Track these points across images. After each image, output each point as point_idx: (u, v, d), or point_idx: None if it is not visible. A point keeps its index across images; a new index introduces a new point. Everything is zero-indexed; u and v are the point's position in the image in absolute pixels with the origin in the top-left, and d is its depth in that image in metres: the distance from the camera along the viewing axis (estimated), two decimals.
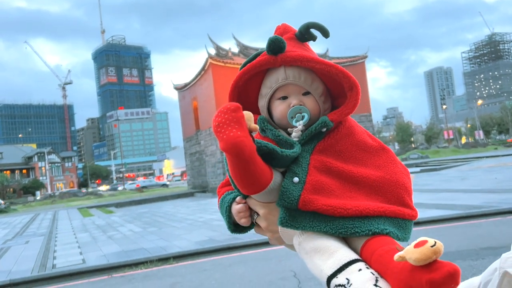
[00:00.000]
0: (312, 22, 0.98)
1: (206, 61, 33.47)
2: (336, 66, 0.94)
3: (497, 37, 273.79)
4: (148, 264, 8.33)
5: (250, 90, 1.07)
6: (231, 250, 8.74)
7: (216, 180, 33.36)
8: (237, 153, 0.77)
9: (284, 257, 7.36)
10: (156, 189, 55.51)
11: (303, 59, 0.95)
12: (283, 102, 1.01)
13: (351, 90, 0.96)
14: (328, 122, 0.94)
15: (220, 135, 0.77)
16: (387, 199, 0.89)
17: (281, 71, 0.99)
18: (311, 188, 0.88)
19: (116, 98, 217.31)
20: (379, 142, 0.99)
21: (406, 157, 52.08)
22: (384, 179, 0.91)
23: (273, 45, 0.95)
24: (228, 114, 0.78)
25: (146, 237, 11.80)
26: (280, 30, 1.06)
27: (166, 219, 16.16)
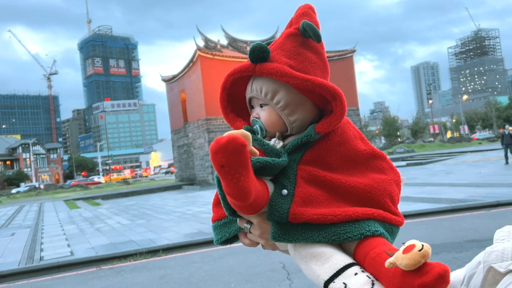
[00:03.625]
0: (307, 23, 0.96)
1: (194, 53, 33.26)
2: (313, 80, 0.93)
3: (483, 33, 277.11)
4: (137, 256, 8.34)
5: (241, 90, 1.07)
6: None
7: (204, 173, 33.35)
8: (243, 200, 0.76)
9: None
10: (144, 181, 55.22)
11: (278, 73, 0.93)
12: (252, 111, 1.04)
13: (334, 100, 0.95)
14: (313, 134, 0.94)
15: (227, 181, 0.73)
16: (373, 208, 0.90)
17: (250, 83, 1.01)
18: (300, 200, 0.88)
19: (103, 89, 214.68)
20: (371, 147, 1.00)
21: (392, 151, 52.62)
22: (371, 187, 0.91)
23: (253, 54, 0.95)
24: (235, 156, 0.71)
25: (135, 229, 11.78)
26: (294, 16, 1.04)
27: (154, 212, 16.13)
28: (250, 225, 0.96)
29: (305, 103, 0.99)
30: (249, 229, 0.96)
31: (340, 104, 0.94)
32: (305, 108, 0.99)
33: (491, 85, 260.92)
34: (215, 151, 0.71)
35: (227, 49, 35.74)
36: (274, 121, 0.99)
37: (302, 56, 0.98)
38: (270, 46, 1.00)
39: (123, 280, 6.90)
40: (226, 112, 1.10)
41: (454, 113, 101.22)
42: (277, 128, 1.00)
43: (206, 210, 14.58)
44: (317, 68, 0.98)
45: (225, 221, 1.03)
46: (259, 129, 1.00)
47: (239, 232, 1.01)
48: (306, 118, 0.99)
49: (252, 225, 0.95)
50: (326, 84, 0.93)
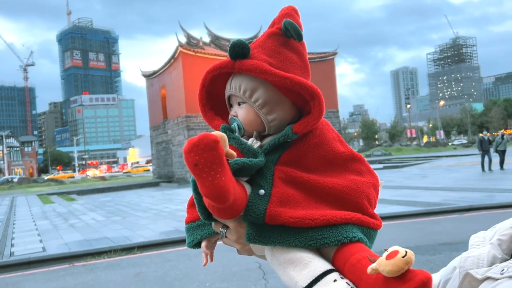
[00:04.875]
0: (289, 22, 0.96)
1: (176, 49, 32.98)
2: (292, 78, 0.91)
3: (461, 40, 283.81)
4: (111, 254, 8.20)
5: (221, 88, 1.04)
6: None
7: (183, 171, 33.10)
8: (222, 201, 0.74)
9: None
10: (120, 177, 54.49)
11: (257, 70, 0.92)
12: (231, 109, 1.03)
13: (313, 100, 0.93)
14: (291, 135, 0.93)
15: (202, 180, 0.71)
16: (350, 209, 0.89)
17: (229, 81, 1.00)
18: (277, 200, 0.86)
19: (81, 83, 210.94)
20: (349, 149, 0.98)
21: (370, 153, 53.32)
22: (349, 189, 0.90)
23: (233, 50, 0.94)
24: (207, 153, 0.70)
25: (110, 226, 11.60)
26: (278, 16, 1.02)
27: (130, 209, 15.92)
28: (226, 230, 0.93)
29: (284, 102, 0.97)
30: (224, 234, 0.94)
31: (318, 104, 0.92)
32: (283, 107, 0.97)
33: (467, 92, 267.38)
34: (188, 151, 0.70)
35: (210, 46, 35.56)
36: (251, 120, 0.98)
37: (282, 55, 0.97)
38: (251, 44, 0.98)
39: (96, 277, 6.77)
40: (205, 110, 1.07)
41: (431, 118, 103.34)
42: (254, 127, 0.98)
43: (184, 208, 14.29)
44: (298, 68, 0.97)
45: (199, 223, 1.01)
46: (237, 127, 0.98)
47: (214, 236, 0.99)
48: (284, 118, 0.98)
49: (228, 229, 0.93)
50: (305, 83, 0.92)
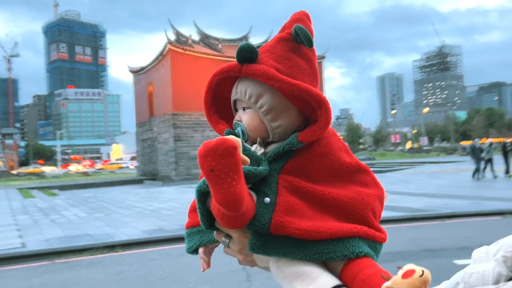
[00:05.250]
0: (299, 27, 0.94)
1: (165, 46, 32.73)
2: (299, 85, 0.89)
3: (447, 49, 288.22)
4: (93, 251, 8.07)
5: (227, 92, 1.02)
6: (181, 240, 8.63)
7: (168, 169, 32.88)
8: (236, 210, 0.71)
9: None
10: (103, 173, 53.85)
11: (264, 75, 0.90)
12: (236, 114, 1.01)
13: (320, 108, 0.91)
14: (296, 143, 0.91)
15: (217, 187, 0.69)
16: (356, 222, 0.87)
17: (235, 85, 0.98)
18: (283, 209, 0.84)
19: (66, 76, 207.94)
20: (356, 160, 0.96)
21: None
22: (354, 201, 0.88)
23: (241, 53, 0.92)
24: (225, 159, 0.68)
25: (92, 223, 11.43)
26: (288, 21, 1.00)
27: (113, 206, 15.72)
28: (228, 239, 0.91)
29: (290, 109, 0.95)
30: (227, 244, 0.92)
31: (325, 112, 0.91)
32: (289, 114, 0.95)
33: (451, 99, 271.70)
34: (204, 155, 0.67)
35: (199, 45, 35.38)
36: (255, 126, 0.96)
37: (291, 61, 0.95)
38: (260, 48, 0.97)
39: (77, 275, 6.66)
40: (210, 113, 1.05)
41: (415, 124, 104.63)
42: (258, 134, 0.96)
43: (168, 206, 14.36)
44: (306, 75, 0.95)
45: (200, 229, 0.99)
46: (241, 132, 0.96)
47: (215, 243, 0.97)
48: (289, 126, 0.96)
49: (231, 239, 0.91)
50: (312, 91, 0.90)
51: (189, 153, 32.18)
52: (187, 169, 32.00)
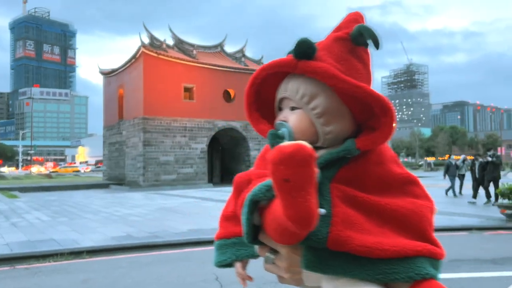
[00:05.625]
0: (364, 27, 0.88)
1: (138, 49, 32.23)
2: (365, 88, 0.83)
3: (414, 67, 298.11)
4: (57, 257, 7.73)
5: (270, 89, 0.95)
6: (150, 248, 8.41)
7: (135, 174, 32.21)
8: (308, 226, 0.63)
9: (207, 260, 7.24)
10: (67, 176, 52.21)
11: (325, 73, 0.83)
12: (279, 113, 0.94)
13: (384, 115, 0.84)
14: (353, 150, 0.85)
15: (291, 200, 0.61)
16: (415, 235, 0.82)
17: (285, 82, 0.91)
18: (340, 222, 0.77)
19: (32, 75, 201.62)
20: (406, 171, 0.91)
21: None
22: (412, 212, 0.83)
23: (299, 48, 0.85)
24: (303, 168, 0.60)
25: (56, 227, 10.97)
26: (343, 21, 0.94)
27: (79, 210, 15.19)
28: (274, 255, 0.83)
29: (345, 114, 0.89)
30: (272, 260, 0.83)
31: (390, 120, 0.85)
32: (343, 119, 0.89)
33: (416, 116, 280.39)
34: (278, 162, 0.60)
35: (173, 49, 35.03)
36: (304, 128, 0.89)
37: (349, 62, 0.89)
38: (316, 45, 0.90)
39: (40, 282, 6.34)
40: (251, 110, 0.98)
41: None
42: (306, 137, 0.88)
43: (136, 212, 14.00)
44: (363, 78, 0.89)
45: (234, 241, 0.92)
46: (286, 134, 0.88)
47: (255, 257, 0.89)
48: (342, 132, 0.89)
49: (277, 255, 0.82)
50: (379, 95, 0.83)
51: (159, 158, 31.68)
52: (156, 175, 31.44)
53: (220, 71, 34.19)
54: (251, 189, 0.79)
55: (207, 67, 33.69)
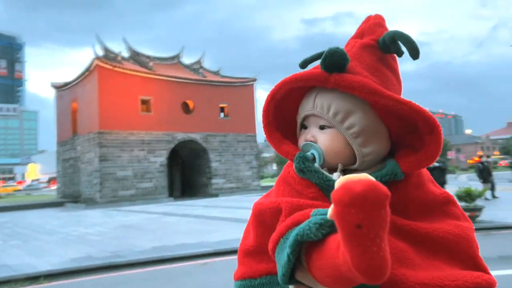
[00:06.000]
0: (400, 33, 0.79)
1: (92, 61, 31.34)
2: (410, 105, 0.75)
3: None
4: (12, 284, 7.21)
5: (290, 105, 0.86)
6: (113, 268, 8.04)
7: (92, 190, 31.07)
8: (379, 279, 0.51)
9: (173, 278, 7.02)
10: (18, 195, 49.56)
11: (364, 88, 0.74)
12: (303, 132, 0.86)
13: (430, 134, 0.77)
14: (399, 174, 0.77)
15: (362, 249, 0.49)
16: (467, 263, 0.75)
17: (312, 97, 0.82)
18: (393, 258, 0.69)
19: None
20: (444, 190, 0.84)
21: None
22: (460, 237, 0.76)
23: (331, 59, 0.75)
24: (378, 212, 0.49)
25: (9, 251, 10.30)
26: (365, 26, 0.85)
27: (33, 231, 14.38)
28: None
29: (383, 132, 0.81)
30: None
31: (437, 139, 0.77)
32: (381, 138, 0.81)
33: None
34: (348, 204, 0.49)
35: (129, 62, 34.32)
36: (338, 150, 0.80)
37: (382, 73, 0.81)
38: None
39: None
40: (270, 129, 0.88)
41: None
42: (339, 160, 0.81)
43: (95, 231, 13.42)
44: (396, 90, 0.82)
45: (263, 281, 0.81)
46: (317, 156, 0.80)
47: None
48: (380, 152, 0.82)
49: None
50: (424, 111, 0.76)
51: (116, 173, 30.74)
52: (113, 191, 30.47)
53: (178, 83, 33.82)
54: (292, 224, 0.70)
55: (165, 79, 33.23)
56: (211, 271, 7.44)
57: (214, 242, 9.80)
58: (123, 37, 36.39)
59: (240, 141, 36.82)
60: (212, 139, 34.97)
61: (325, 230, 0.62)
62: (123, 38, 36.39)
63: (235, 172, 36.25)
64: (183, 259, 8.48)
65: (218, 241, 9.83)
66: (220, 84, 36.56)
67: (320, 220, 0.63)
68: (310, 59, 0.86)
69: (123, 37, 36.39)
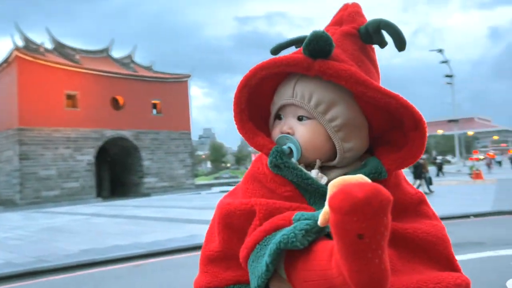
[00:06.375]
0: (387, 22, 0.71)
1: (10, 52, 29.04)
2: (398, 98, 0.70)
3: None
4: None
5: (266, 92, 0.77)
6: (37, 274, 7.44)
7: (10, 191, 28.83)
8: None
9: (103, 284, 6.64)
10: None
11: (351, 78, 0.68)
12: (278, 123, 0.77)
13: (415, 130, 0.72)
14: (383, 173, 0.71)
15: (364, 261, 0.45)
16: (445, 264, 0.71)
17: (291, 85, 0.74)
18: None
19: None
20: (416, 189, 0.80)
21: (219, 176, 54.70)
22: (436, 237, 0.72)
23: (315, 44, 0.68)
24: (382, 220, 0.45)
25: None
26: (344, 13, 0.77)
27: None
28: None
29: (364, 127, 0.75)
30: None
31: (422, 136, 0.71)
32: (362, 133, 0.75)
33: None
34: (349, 211, 0.44)
35: (52, 54, 32.22)
36: (318, 144, 0.72)
37: (364, 64, 0.74)
38: None
39: None
40: (242, 119, 0.78)
41: None
42: (318, 155, 0.73)
43: (15, 235, 12.40)
44: (377, 82, 0.75)
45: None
46: (294, 150, 0.71)
47: None
48: (361, 149, 0.75)
49: None
50: (412, 107, 0.70)
51: (38, 173, 28.81)
52: (35, 192, 28.54)
53: (107, 77, 32.37)
54: (271, 229, 0.63)
55: (92, 73, 31.64)
56: (145, 273, 7.15)
57: (148, 243, 9.47)
58: (46, 27, 34.02)
59: (173, 139, 36.05)
60: (143, 136, 33.90)
61: (311, 237, 0.59)
62: (46, 28, 34.10)
63: (168, 170, 35.46)
64: (115, 261, 8.08)
65: (152, 242, 9.52)
66: (153, 80, 35.55)
67: (305, 226, 0.59)
68: (285, 44, 0.78)
69: (46, 27, 34.02)
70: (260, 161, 0.81)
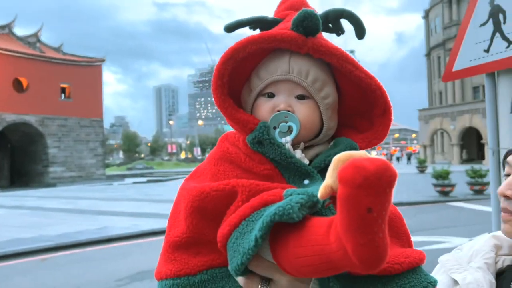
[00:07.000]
0: (350, 12, 0.72)
1: None
2: (376, 80, 0.73)
3: None
4: None
5: (245, 69, 0.76)
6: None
7: None
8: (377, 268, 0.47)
9: (8, 276, 6.10)
10: None
11: (343, 56, 0.69)
12: (269, 101, 0.74)
13: (382, 115, 0.75)
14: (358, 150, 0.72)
15: (371, 236, 0.45)
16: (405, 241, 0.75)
17: (285, 60, 0.72)
18: None
19: None
20: None
21: (132, 166, 52.73)
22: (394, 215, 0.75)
23: (309, 21, 0.67)
24: (389, 195, 0.45)
25: None
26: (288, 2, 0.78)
27: None
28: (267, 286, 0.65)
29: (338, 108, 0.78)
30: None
31: (387, 122, 0.75)
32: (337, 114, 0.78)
33: (219, 114, 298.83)
34: (361, 184, 0.43)
35: None
36: (315, 124, 0.74)
37: None
38: None
39: None
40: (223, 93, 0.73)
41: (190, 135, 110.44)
42: (310, 134, 0.73)
43: None
44: None
45: (203, 278, 0.67)
46: (295, 129, 0.70)
47: None
48: (335, 128, 0.78)
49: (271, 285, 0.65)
50: (385, 91, 0.73)
51: None
52: None
53: (8, 56, 29.48)
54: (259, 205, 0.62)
55: None
56: (52, 267, 6.68)
57: (56, 235, 8.88)
58: None
59: (83, 126, 33.94)
60: (50, 122, 31.47)
61: (305, 211, 0.59)
62: None
63: (77, 159, 33.37)
64: (17, 255, 7.47)
65: (60, 234, 8.95)
66: (62, 62, 33.08)
67: (300, 200, 0.59)
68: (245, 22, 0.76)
69: None
70: (227, 141, 0.78)
